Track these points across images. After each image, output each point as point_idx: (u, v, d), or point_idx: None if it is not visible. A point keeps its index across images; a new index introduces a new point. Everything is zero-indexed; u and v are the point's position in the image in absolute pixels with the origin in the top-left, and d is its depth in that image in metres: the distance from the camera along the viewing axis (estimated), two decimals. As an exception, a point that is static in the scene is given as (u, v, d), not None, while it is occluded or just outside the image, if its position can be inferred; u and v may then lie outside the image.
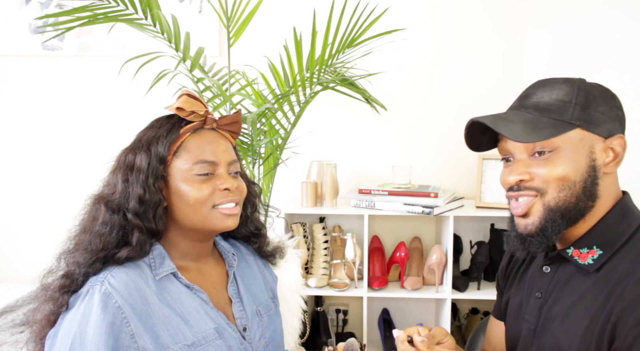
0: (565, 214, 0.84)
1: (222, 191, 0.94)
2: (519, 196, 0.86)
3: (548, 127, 0.82)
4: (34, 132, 2.38)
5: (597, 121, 0.83)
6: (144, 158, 0.92)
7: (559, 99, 0.84)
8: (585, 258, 0.84)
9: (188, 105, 0.94)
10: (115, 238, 0.90)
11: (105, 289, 0.84)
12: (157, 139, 0.93)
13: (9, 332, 1.73)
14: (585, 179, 0.83)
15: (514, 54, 2.24)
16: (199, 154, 0.93)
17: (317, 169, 2.15)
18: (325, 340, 2.16)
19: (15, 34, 2.31)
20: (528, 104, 0.86)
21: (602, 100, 0.84)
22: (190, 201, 0.92)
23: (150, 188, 0.91)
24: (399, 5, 2.20)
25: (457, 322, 2.30)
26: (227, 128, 1.00)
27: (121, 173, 0.94)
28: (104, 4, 1.58)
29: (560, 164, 0.83)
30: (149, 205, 0.91)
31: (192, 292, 0.95)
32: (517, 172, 0.85)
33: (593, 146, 0.83)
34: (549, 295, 0.89)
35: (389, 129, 2.30)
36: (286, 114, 1.83)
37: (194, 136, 0.95)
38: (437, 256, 2.03)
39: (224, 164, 0.96)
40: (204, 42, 1.97)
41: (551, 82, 0.87)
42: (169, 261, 0.94)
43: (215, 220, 0.94)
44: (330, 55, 1.76)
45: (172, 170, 0.93)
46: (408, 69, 2.26)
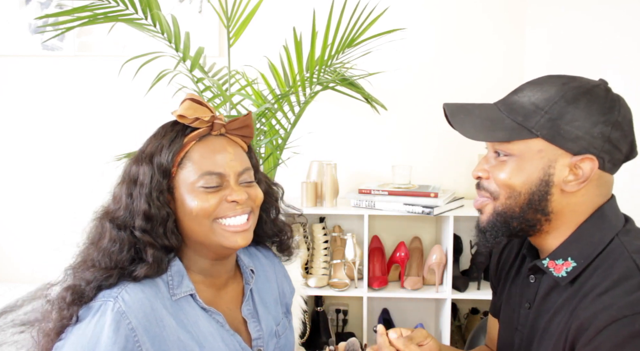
0: (509, 222, 0.83)
1: (229, 203, 0.86)
2: (478, 194, 0.88)
3: (504, 130, 0.79)
4: (34, 132, 2.38)
5: (567, 135, 0.77)
6: (147, 171, 0.86)
7: (534, 103, 0.79)
8: (559, 269, 0.82)
9: (191, 111, 0.86)
10: (127, 255, 0.84)
11: (119, 307, 0.79)
12: (160, 149, 0.86)
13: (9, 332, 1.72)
14: (532, 192, 0.80)
15: (514, 54, 2.24)
16: (205, 165, 0.86)
17: (317, 169, 2.15)
18: (326, 340, 2.16)
19: (15, 34, 2.31)
20: (507, 101, 0.84)
21: (585, 114, 0.77)
22: (194, 212, 0.85)
23: (155, 202, 0.84)
24: (399, 5, 2.20)
25: (457, 322, 2.30)
26: (237, 133, 0.91)
27: (125, 187, 0.88)
28: (104, 4, 1.58)
29: (510, 171, 0.81)
30: (157, 221, 0.85)
31: (208, 314, 0.89)
32: (479, 168, 0.86)
33: (554, 161, 0.78)
34: (534, 306, 0.87)
35: (389, 129, 2.30)
36: (286, 114, 1.83)
37: (200, 144, 0.87)
38: (437, 256, 2.03)
39: (233, 174, 0.87)
40: (204, 42, 1.96)
41: (547, 82, 0.82)
42: (187, 281, 0.88)
43: (222, 238, 0.86)
44: (330, 56, 1.76)
45: (177, 182, 0.87)
46: (408, 69, 2.26)
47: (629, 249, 0.78)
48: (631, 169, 1.55)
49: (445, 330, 2.06)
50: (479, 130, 0.81)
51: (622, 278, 0.75)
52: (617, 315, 0.71)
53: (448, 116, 0.85)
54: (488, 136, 0.80)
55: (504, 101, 0.84)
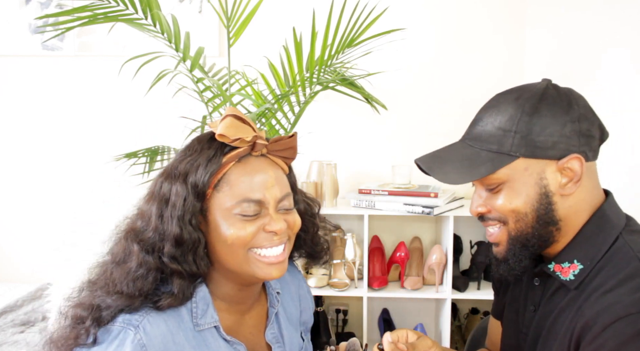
0: (526, 244, 0.82)
1: (267, 233, 0.81)
2: (487, 226, 0.87)
3: (485, 163, 0.80)
4: (34, 132, 2.38)
5: (543, 145, 0.78)
6: (181, 191, 0.79)
7: (500, 127, 0.80)
8: (566, 273, 0.82)
9: (232, 131, 0.78)
10: (153, 282, 0.78)
11: (139, 339, 0.74)
12: (196, 168, 0.79)
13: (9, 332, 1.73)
14: (537, 209, 0.80)
15: (515, 54, 2.24)
16: (244, 190, 0.79)
17: (317, 169, 2.15)
18: (326, 340, 2.16)
19: (15, 34, 2.31)
20: (473, 134, 0.84)
21: (551, 119, 0.78)
22: (229, 240, 0.79)
23: (187, 226, 0.78)
24: (399, 5, 2.20)
25: (457, 322, 2.30)
26: (280, 154, 0.84)
27: (155, 206, 0.81)
28: (104, 4, 1.58)
29: (509, 197, 0.81)
30: (188, 246, 0.79)
31: (230, 345, 0.85)
32: (476, 204, 0.86)
33: (543, 172, 0.79)
34: (539, 308, 0.88)
35: (389, 129, 2.30)
36: (286, 114, 1.83)
37: (239, 165, 0.80)
38: (437, 256, 2.03)
39: (273, 202, 0.81)
40: (204, 42, 1.96)
41: (500, 103, 0.82)
42: (212, 311, 0.83)
43: (256, 269, 0.81)
44: (330, 56, 1.75)
45: (211, 205, 0.80)
46: (408, 69, 2.26)
47: (635, 249, 0.78)
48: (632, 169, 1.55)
49: (445, 330, 2.06)
50: (462, 173, 0.81)
51: (628, 276, 0.75)
52: (623, 313, 0.71)
53: (425, 171, 0.85)
54: (473, 174, 0.80)
55: (469, 135, 0.85)
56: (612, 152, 1.59)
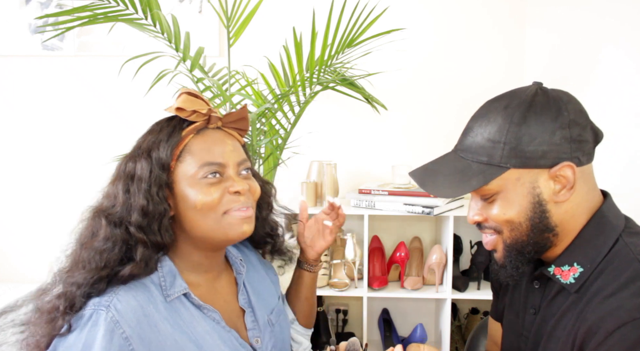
0: (522, 251, 0.83)
1: (232, 195, 0.87)
2: (483, 233, 0.87)
3: (477, 175, 0.80)
4: (34, 132, 2.38)
5: (533, 155, 0.77)
6: (145, 166, 0.85)
7: (490, 138, 0.80)
8: (567, 276, 0.82)
9: (188, 104, 0.87)
10: (119, 254, 0.82)
11: (112, 316, 0.77)
12: (157, 144, 0.86)
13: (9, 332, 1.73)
14: (531, 218, 0.80)
15: (515, 54, 2.24)
16: (205, 156, 0.86)
17: (317, 169, 2.15)
18: (326, 340, 2.16)
19: (15, 34, 2.31)
20: (464, 145, 0.84)
21: (540, 128, 0.77)
22: (198, 205, 0.84)
23: (154, 197, 0.84)
24: (399, 5, 2.20)
25: (457, 322, 2.30)
26: (233, 126, 0.93)
27: (122, 183, 0.86)
28: (104, 4, 1.58)
29: (502, 207, 0.81)
30: (153, 216, 0.84)
31: (203, 313, 0.89)
32: (472, 213, 0.86)
33: (535, 181, 0.79)
34: (540, 311, 0.87)
35: (389, 129, 2.30)
36: (286, 114, 1.83)
37: (198, 137, 0.88)
38: (437, 256, 2.03)
39: (233, 164, 0.88)
40: (204, 42, 1.96)
41: (490, 112, 0.82)
42: (180, 280, 0.87)
43: (229, 227, 0.87)
44: (330, 56, 1.76)
45: (176, 176, 0.86)
46: (408, 69, 2.26)
47: (635, 251, 0.77)
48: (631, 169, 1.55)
49: (445, 330, 2.06)
50: (454, 186, 0.81)
51: (629, 280, 0.75)
52: (627, 318, 0.71)
53: (419, 185, 0.86)
54: (465, 188, 0.80)
55: (461, 145, 0.85)
56: (612, 152, 1.59)
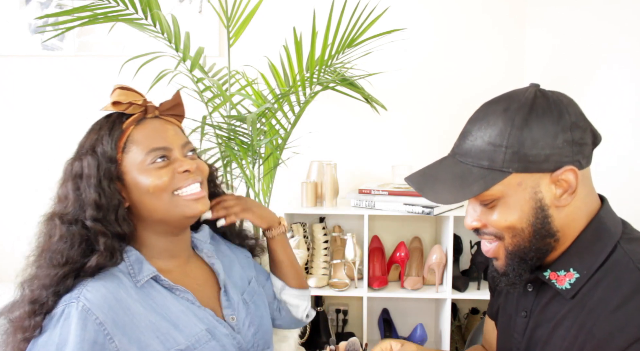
0: (524, 258, 0.81)
1: (181, 174, 0.90)
2: (482, 239, 0.85)
3: (478, 180, 0.77)
4: (34, 132, 2.38)
5: (536, 159, 0.76)
6: (92, 162, 0.88)
7: (491, 142, 0.77)
8: (562, 281, 0.80)
9: (123, 97, 0.91)
10: (79, 250, 0.85)
11: (82, 305, 0.79)
12: (100, 140, 0.89)
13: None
14: (533, 223, 0.78)
15: (515, 54, 2.24)
16: (149, 143, 0.89)
17: (317, 169, 2.15)
18: (326, 340, 2.16)
19: (15, 34, 2.31)
20: (463, 149, 0.81)
21: (542, 131, 0.75)
22: (151, 189, 0.88)
23: (106, 190, 0.87)
24: (399, 5, 2.20)
25: (457, 322, 2.30)
26: (170, 112, 0.96)
27: (71, 183, 0.89)
28: (104, 4, 1.58)
29: (503, 213, 0.79)
30: (108, 209, 0.87)
31: (176, 295, 0.91)
32: (471, 219, 0.84)
33: (537, 185, 0.77)
34: (532, 316, 0.86)
35: (389, 129, 2.30)
36: (286, 114, 1.83)
37: (139, 127, 0.91)
38: (437, 256, 2.03)
39: (178, 147, 0.92)
40: (204, 42, 1.96)
41: (489, 114, 0.80)
42: (147, 265, 0.90)
43: (184, 208, 0.90)
44: (330, 56, 1.75)
45: (125, 167, 0.89)
46: (408, 69, 2.26)
47: (635, 260, 0.76)
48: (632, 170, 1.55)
49: (445, 330, 2.06)
50: (454, 192, 0.79)
51: (632, 292, 0.73)
52: (637, 335, 0.70)
53: (417, 191, 0.83)
54: (465, 194, 0.78)
55: (459, 149, 0.82)
56: (612, 153, 1.59)
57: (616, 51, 1.64)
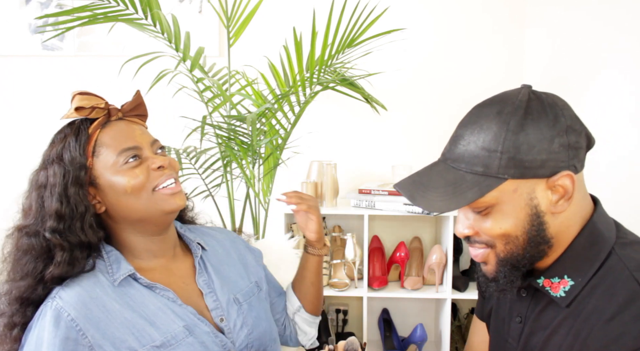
0: (517, 265, 0.79)
1: (156, 171, 0.91)
2: (472, 247, 0.82)
3: (472, 188, 0.74)
4: (34, 132, 2.38)
5: (532, 165, 0.73)
6: (57, 171, 0.88)
7: (485, 147, 0.74)
8: (557, 289, 0.78)
9: (86, 102, 0.90)
10: (41, 261, 0.86)
11: (56, 304, 0.82)
12: (67, 147, 0.89)
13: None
14: (528, 231, 0.76)
15: (514, 54, 2.24)
16: (119, 144, 0.90)
17: (317, 169, 2.15)
18: (326, 339, 2.16)
19: (15, 34, 2.31)
20: (455, 154, 0.78)
21: (539, 135, 0.73)
22: (128, 189, 0.88)
23: (71, 198, 0.87)
24: (399, 5, 2.20)
25: (457, 322, 2.30)
26: (133, 113, 0.97)
27: (35, 194, 0.90)
28: (104, 4, 1.58)
29: (498, 221, 0.76)
30: (72, 217, 0.87)
31: (155, 292, 0.92)
32: (462, 226, 0.81)
33: (533, 191, 0.74)
34: (527, 322, 0.85)
35: (389, 129, 2.30)
36: (286, 114, 1.83)
37: (105, 130, 0.92)
38: (437, 256, 2.03)
39: (147, 145, 0.93)
40: (204, 42, 1.96)
41: (481, 118, 0.76)
42: (125, 264, 0.91)
43: (162, 202, 0.91)
44: (330, 56, 1.75)
45: (97, 171, 0.90)
46: (408, 69, 2.26)
47: (630, 267, 0.74)
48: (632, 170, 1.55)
49: (445, 330, 2.06)
50: (448, 200, 0.75)
51: (628, 301, 0.71)
52: (633, 346, 0.69)
53: (408, 199, 0.80)
54: (460, 201, 0.74)
55: (451, 154, 0.79)
56: (612, 153, 1.59)
57: (616, 52, 1.64)
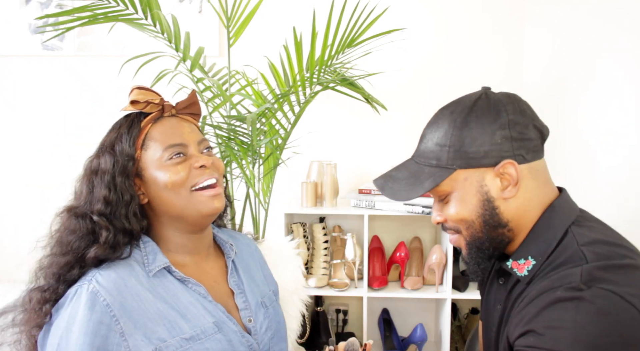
0: (481, 247, 0.88)
1: (198, 169, 0.93)
2: (447, 233, 0.92)
3: (428, 178, 0.86)
4: (34, 132, 2.38)
5: (476, 155, 0.83)
6: (108, 159, 0.92)
7: (437, 143, 0.86)
8: (522, 269, 0.86)
9: (141, 96, 0.94)
10: (85, 241, 0.89)
11: (92, 288, 0.84)
12: (120, 138, 0.93)
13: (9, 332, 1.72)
14: (481, 214, 0.85)
15: (515, 54, 2.24)
16: (166, 139, 0.93)
17: (317, 169, 2.15)
18: (326, 340, 2.16)
19: (15, 34, 2.31)
20: (419, 151, 0.90)
21: (480, 130, 0.83)
22: (169, 184, 0.91)
23: (118, 186, 0.90)
24: (399, 5, 2.20)
25: (457, 322, 2.30)
26: (187, 111, 1.00)
27: (86, 179, 0.94)
28: (104, 4, 1.58)
29: (456, 207, 0.86)
30: (117, 204, 0.90)
31: (187, 287, 0.93)
32: (435, 214, 0.92)
33: (482, 179, 0.84)
34: (503, 305, 0.91)
35: (389, 129, 2.30)
36: (286, 114, 1.83)
37: (156, 125, 0.95)
38: (437, 256, 2.03)
39: (194, 143, 0.95)
40: (204, 42, 1.97)
41: (439, 118, 0.88)
42: (161, 256, 0.93)
43: (200, 205, 0.93)
44: (330, 56, 1.75)
45: (144, 164, 0.93)
46: (408, 69, 2.26)
47: (579, 241, 0.81)
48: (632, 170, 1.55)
49: (445, 330, 2.06)
50: (409, 189, 0.87)
51: (562, 262, 0.79)
52: (548, 287, 0.76)
53: (379, 190, 0.92)
54: (418, 190, 0.86)
55: (417, 152, 0.92)
56: (612, 152, 1.59)
57: (616, 51, 1.64)
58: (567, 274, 0.76)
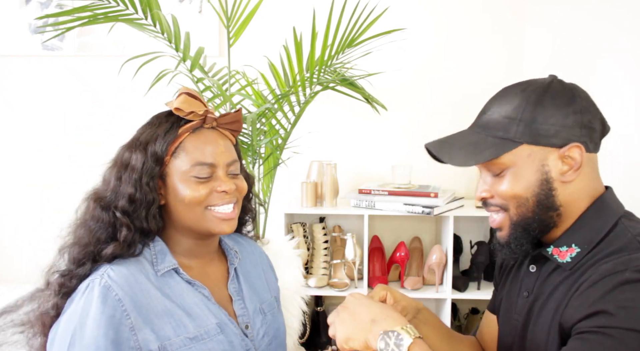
0: (527, 228, 0.86)
1: (219, 193, 0.93)
2: (489, 211, 0.91)
3: (489, 148, 0.84)
4: (34, 132, 2.38)
5: (546, 133, 0.82)
6: (140, 158, 0.91)
7: (506, 116, 0.85)
8: (564, 256, 0.85)
9: (186, 105, 0.92)
10: (104, 233, 0.90)
11: (105, 282, 0.85)
12: (155, 138, 0.92)
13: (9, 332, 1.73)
14: (537, 194, 0.84)
15: (515, 54, 2.24)
16: (198, 156, 0.92)
17: (317, 169, 2.15)
18: (326, 340, 2.16)
19: (15, 34, 2.31)
20: (480, 122, 0.89)
21: (554, 109, 0.82)
22: (186, 200, 0.91)
23: (143, 187, 0.90)
24: (399, 5, 2.20)
25: (457, 322, 2.30)
26: (228, 127, 0.98)
27: (116, 170, 0.94)
28: (104, 4, 1.58)
29: (511, 182, 0.85)
30: (140, 204, 0.91)
31: (193, 288, 0.95)
32: (480, 189, 0.90)
33: (545, 159, 0.83)
34: (533, 292, 0.90)
35: (389, 129, 2.30)
36: (286, 114, 1.83)
37: (193, 136, 0.93)
38: (437, 256, 2.03)
39: (223, 165, 0.94)
40: (204, 42, 1.96)
41: (507, 94, 0.87)
42: (170, 257, 0.94)
43: (210, 223, 0.93)
44: (330, 56, 1.76)
45: (170, 170, 0.93)
46: (408, 69, 2.26)
47: (633, 233, 0.80)
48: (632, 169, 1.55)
49: (445, 330, 2.06)
50: (467, 157, 0.86)
51: (619, 249, 0.79)
52: (612, 270, 0.76)
53: (434, 154, 0.90)
54: (478, 158, 0.84)
55: (477, 123, 0.90)
56: (612, 151, 1.59)
57: (615, 51, 1.64)
58: (632, 258, 0.76)
